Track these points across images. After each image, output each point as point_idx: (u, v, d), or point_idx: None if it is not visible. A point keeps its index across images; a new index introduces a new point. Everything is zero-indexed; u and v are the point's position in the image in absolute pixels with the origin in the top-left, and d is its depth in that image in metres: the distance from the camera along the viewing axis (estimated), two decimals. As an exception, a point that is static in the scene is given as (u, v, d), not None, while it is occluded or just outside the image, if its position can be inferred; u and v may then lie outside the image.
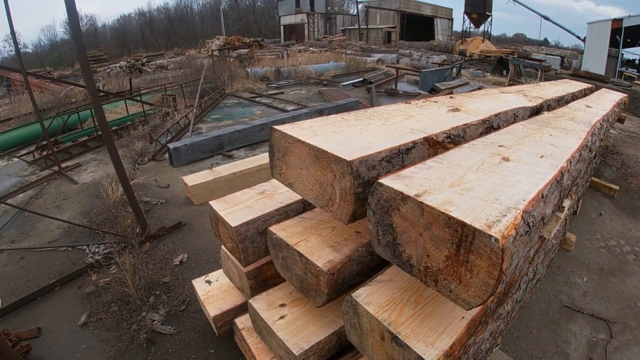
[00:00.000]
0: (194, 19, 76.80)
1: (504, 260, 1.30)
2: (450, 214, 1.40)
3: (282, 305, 2.69)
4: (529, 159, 2.09)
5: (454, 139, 2.41)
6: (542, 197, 1.66)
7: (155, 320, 4.10)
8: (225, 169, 6.12)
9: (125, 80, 16.97)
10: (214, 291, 3.70)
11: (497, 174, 1.81)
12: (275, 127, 2.28)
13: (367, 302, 1.89)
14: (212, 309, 3.49)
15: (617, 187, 7.34)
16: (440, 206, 1.44)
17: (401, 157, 2.03)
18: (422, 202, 1.49)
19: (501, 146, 2.25)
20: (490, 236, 1.29)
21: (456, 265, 1.44)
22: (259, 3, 79.82)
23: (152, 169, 8.05)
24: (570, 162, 2.21)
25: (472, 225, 1.34)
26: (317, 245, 2.29)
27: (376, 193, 1.68)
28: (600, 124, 3.72)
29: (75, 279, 4.78)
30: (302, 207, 2.83)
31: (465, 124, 2.60)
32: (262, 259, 2.90)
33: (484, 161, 1.96)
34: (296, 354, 2.33)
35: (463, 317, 1.83)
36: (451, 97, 3.64)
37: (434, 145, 2.24)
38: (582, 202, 6.71)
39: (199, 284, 3.82)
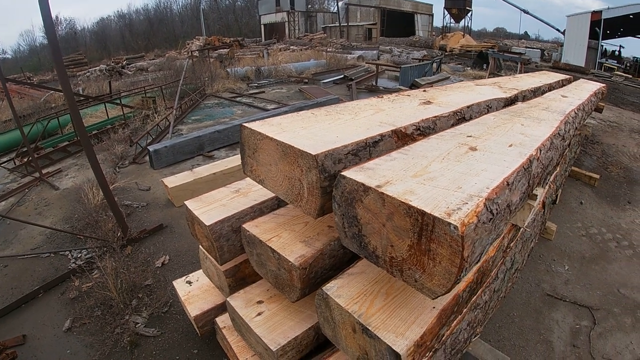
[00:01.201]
0: (174, 20, 76.17)
1: (465, 247, 1.30)
2: (410, 203, 1.40)
3: (260, 302, 2.68)
4: (497, 148, 2.10)
5: (424, 131, 2.41)
6: (508, 184, 1.67)
7: (138, 323, 4.09)
8: (205, 170, 6.09)
9: (105, 83, 16.85)
10: (195, 291, 3.69)
11: (462, 163, 1.82)
12: (245, 124, 2.27)
13: (337, 295, 1.89)
14: (193, 309, 3.48)
15: (597, 176, 7.42)
16: (401, 196, 1.45)
17: (368, 150, 2.02)
18: (383, 193, 1.49)
19: (470, 136, 2.26)
20: (450, 224, 1.30)
21: (419, 254, 1.45)
22: (239, 2, 79.54)
23: (132, 172, 7.99)
24: (540, 151, 2.22)
25: (432, 213, 1.34)
26: (289, 241, 2.29)
27: (340, 185, 1.68)
28: (575, 112, 3.74)
29: (59, 285, 4.74)
30: (276, 204, 2.83)
31: (435, 116, 2.60)
32: (239, 257, 2.89)
33: (451, 151, 1.96)
34: (274, 350, 2.32)
35: (434, 307, 1.84)
36: (424, 91, 3.64)
37: (403, 138, 2.24)
38: (563, 191, 6.77)
39: (179, 284, 3.80)
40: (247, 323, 2.54)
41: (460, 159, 1.86)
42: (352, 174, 1.65)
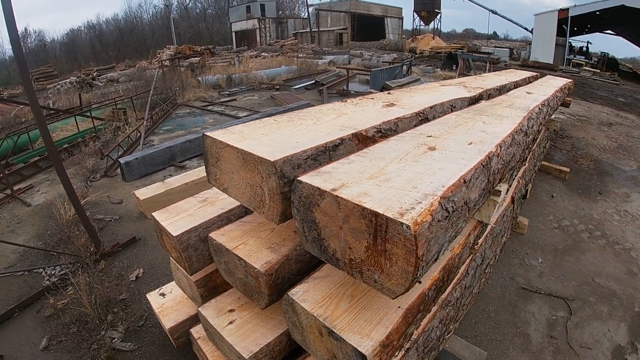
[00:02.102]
0: (145, 30, 75.27)
1: (419, 246, 1.31)
2: (364, 205, 1.41)
3: (231, 311, 2.67)
4: (456, 146, 2.12)
5: (385, 133, 2.43)
6: (465, 182, 1.68)
7: (114, 338, 4.05)
8: (177, 180, 6.05)
9: (76, 96, 16.61)
10: (169, 303, 3.67)
11: (420, 163, 1.84)
12: (207, 133, 2.26)
13: (303, 299, 1.90)
14: (168, 321, 3.46)
15: (567, 169, 7.55)
16: (355, 198, 1.46)
17: (328, 154, 2.03)
18: (337, 196, 1.50)
19: (430, 136, 2.28)
20: (402, 224, 1.31)
21: (376, 255, 1.46)
22: (210, 10, 79.10)
23: (104, 186, 7.88)
24: (501, 147, 2.25)
25: (385, 214, 1.35)
26: (255, 248, 2.29)
27: (297, 190, 1.69)
28: (539, 108, 3.80)
29: (34, 303, 4.67)
30: (243, 212, 2.82)
31: (397, 118, 2.62)
32: (209, 267, 2.87)
33: (409, 152, 1.98)
34: (246, 357, 2.31)
35: (399, 307, 1.85)
36: (389, 93, 3.67)
37: (364, 141, 2.25)
38: (534, 186, 6.88)
39: (153, 297, 3.78)
40: (219, 332, 2.52)
41: (418, 159, 1.88)
42: (309, 178, 1.66)
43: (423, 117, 2.91)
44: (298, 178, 1.67)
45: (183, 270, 2.91)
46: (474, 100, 3.90)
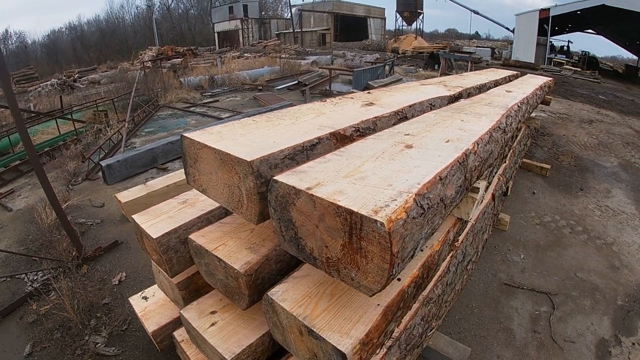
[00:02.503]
0: (127, 31, 74.20)
1: (393, 243, 1.32)
2: (339, 203, 1.41)
3: (213, 313, 2.65)
4: (433, 144, 2.13)
5: (364, 132, 2.44)
6: (440, 179, 1.70)
7: (98, 343, 4.01)
8: (158, 182, 5.98)
9: (57, 98, 16.42)
10: (151, 306, 3.64)
11: (396, 161, 1.84)
12: (185, 134, 2.26)
13: (282, 298, 1.89)
14: (151, 325, 3.43)
15: (548, 166, 7.65)
16: (330, 197, 1.46)
17: (306, 154, 2.04)
18: (312, 195, 1.50)
19: (407, 134, 2.29)
20: (376, 221, 1.31)
21: (352, 253, 1.46)
22: (193, 11, 78.39)
23: (86, 189, 7.80)
24: (478, 144, 2.27)
25: (359, 212, 1.36)
26: (235, 249, 2.28)
27: (273, 190, 1.69)
28: (519, 106, 3.84)
29: (17, 310, 4.61)
30: (223, 213, 2.81)
31: (376, 117, 2.63)
32: (190, 269, 2.85)
33: (386, 150, 1.99)
34: (228, 359, 2.30)
35: (378, 305, 1.86)
36: (369, 93, 3.68)
37: (342, 140, 2.26)
38: (515, 183, 6.95)
39: (136, 301, 3.75)
40: (201, 334, 2.51)
41: (394, 157, 1.89)
42: (284, 178, 1.66)
43: (402, 116, 2.92)
44: (274, 177, 1.67)
45: (164, 272, 2.89)
46: (454, 99, 3.92)
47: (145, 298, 3.76)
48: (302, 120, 2.53)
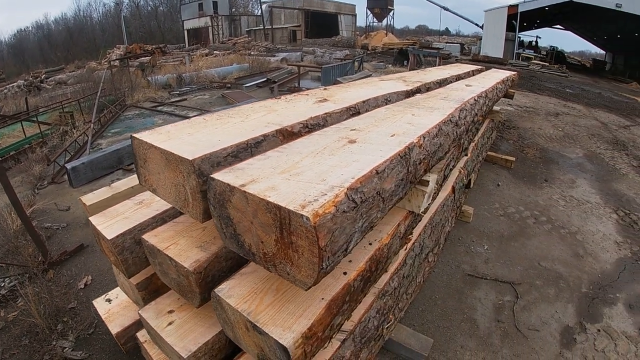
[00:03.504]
0: (95, 29, 73.00)
1: (320, 237, 1.35)
2: (269, 199, 1.44)
3: (171, 312, 2.66)
4: (377, 139, 2.17)
5: (313, 128, 2.46)
6: (377, 173, 1.73)
7: (65, 347, 3.98)
8: (123, 184, 5.88)
9: (23, 100, 16.14)
10: (115, 308, 3.65)
11: (336, 156, 1.87)
12: (134, 135, 2.25)
13: (229, 295, 1.92)
14: (114, 327, 3.45)
15: (513, 159, 7.79)
16: (261, 193, 1.49)
17: (250, 151, 2.06)
18: (245, 191, 1.52)
19: (354, 130, 2.32)
20: (302, 216, 1.34)
21: (285, 248, 1.49)
22: (162, 8, 77.46)
23: (52, 193, 7.69)
24: (424, 138, 2.31)
25: (287, 207, 1.38)
26: (186, 247, 2.29)
27: (211, 188, 1.71)
28: (475, 100, 3.89)
29: (-15, 318, 4.53)
30: (178, 212, 2.81)
31: (326, 113, 2.67)
32: (149, 270, 2.86)
33: (328, 146, 2.01)
34: (185, 357, 2.31)
35: (323, 299, 1.88)
36: (325, 89, 3.71)
37: (289, 137, 2.28)
38: (480, 175, 7.06)
39: (99, 303, 3.76)
40: (159, 333, 2.52)
41: (334, 153, 1.92)
42: (221, 175, 1.68)
43: (354, 112, 2.96)
44: (211, 175, 1.69)
45: (122, 274, 2.90)
46: (411, 94, 3.97)
47: (109, 300, 3.76)
48: (252, 118, 2.55)
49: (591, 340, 4.01)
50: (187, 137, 2.15)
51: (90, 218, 2.94)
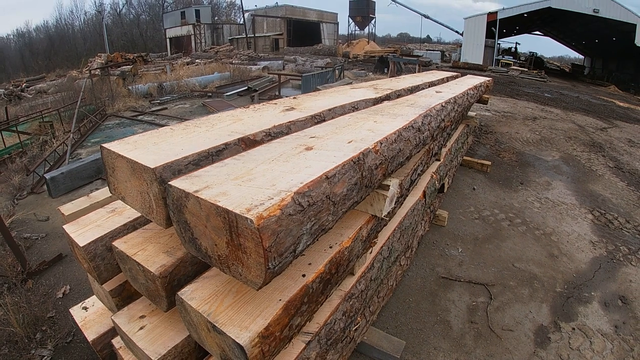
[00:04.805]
0: (76, 37, 72.13)
1: (264, 239, 1.44)
2: (218, 204, 1.53)
3: (142, 317, 2.73)
4: (334, 145, 2.26)
5: (276, 136, 2.55)
6: (327, 178, 1.82)
7: (44, 356, 4.04)
8: (102, 194, 5.90)
9: (2, 110, 16.04)
10: (91, 316, 3.68)
11: (290, 163, 1.97)
12: (103, 145, 2.33)
13: (191, 297, 1.99)
14: (90, 334, 3.48)
15: (489, 163, 7.92)
16: (212, 198, 1.58)
17: (211, 159, 2.14)
18: (198, 197, 1.61)
19: (313, 137, 2.42)
20: (247, 218, 1.43)
21: (235, 249, 1.58)
22: (144, 16, 76.94)
23: (31, 203, 7.68)
24: (382, 143, 2.41)
25: (234, 211, 1.48)
26: (153, 253, 2.36)
27: (169, 194, 1.79)
28: (442, 106, 3.98)
29: (-36, 328, 4.56)
30: (148, 220, 2.88)
31: (290, 121, 2.76)
32: (122, 277, 2.92)
33: (284, 153, 2.11)
34: (154, 360, 2.39)
35: (280, 300, 1.96)
36: (294, 98, 3.80)
37: (252, 144, 2.37)
38: (455, 180, 7.18)
39: (76, 311, 3.78)
40: (130, 338, 2.58)
41: (289, 159, 2.01)
42: (178, 182, 1.76)
43: (319, 119, 3.05)
44: (169, 182, 1.78)
45: (95, 280, 2.96)
46: (379, 101, 4.07)
47: (85, 308, 3.80)
48: (218, 127, 2.63)
49: (566, 338, 4.08)
50: (152, 147, 2.23)
51: (64, 226, 3.00)
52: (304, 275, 2.13)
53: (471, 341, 4.05)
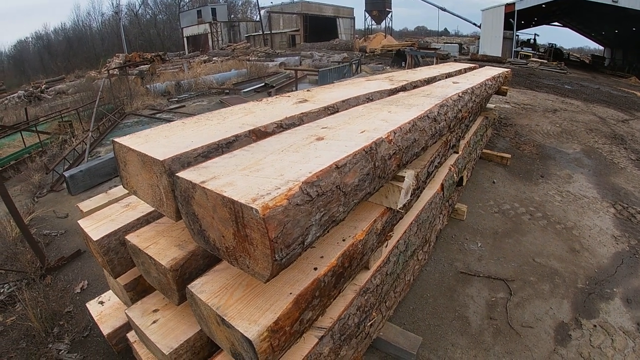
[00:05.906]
0: (94, 38, 72.96)
1: (270, 229, 1.40)
2: (224, 194, 1.50)
3: (155, 311, 2.72)
4: (346, 135, 2.22)
5: (287, 127, 2.52)
6: (337, 167, 1.77)
7: (61, 350, 4.06)
8: (120, 190, 5.94)
9: (24, 111, 16.30)
10: (107, 310, 3.72)
11: (299, 153, 1.93)
12: (114, 139, 2.33)
13: (201, 290, 1.97)
14: (106, 328, 3.51)
15: (508, 156, 7.78)
16: (218, 188, 1.55)
17: (221, 151, 2.12)
18: (204, 187, 1.58)
19: (325, 128, 2.37)
20: (252, 208, 1.40)
21: (242, 241, 1.55)
22: (161, 16, 77.62)
23: (51, 200, 7.78)
24: (395, 133, 2.35)
25: (239, 201, 1.44)
26: (165, 246, 2.35)
27: (177, 185, 1.77)
28: (459, 96, 3.90)
29: (-16, 323, 4.62)
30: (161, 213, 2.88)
31: (302, 113, 2.72)
32: (137, 271, 2.92)
33: (294, 143, 2.07)
34: (166, 354, 2.37)
35: (290, 293, 1.92)
36: (308, 90, 3.76)
37: (262, 136, 2.34)
38: (474, 173, 7.07)
39: (92, 305, 3.82)
40: (143, 332, 2.58)
41: (299, 150, 1.97)
42: (185, 173, 1.74)
43: (333, 111, 3.01)
44: (176, 174, 1.76)
45: (109, 274, 2.97)
46: (395, 92, 4.01)
47: (102, 303, 3.83)
48: (229, 120, 2.61)
49: (587, 336, 3.96)
50: (163, 140, 2.22)
51: (79, 221, 3.01)
52: (315, 269, 2.09)
53: (490, 338, 3.95)
